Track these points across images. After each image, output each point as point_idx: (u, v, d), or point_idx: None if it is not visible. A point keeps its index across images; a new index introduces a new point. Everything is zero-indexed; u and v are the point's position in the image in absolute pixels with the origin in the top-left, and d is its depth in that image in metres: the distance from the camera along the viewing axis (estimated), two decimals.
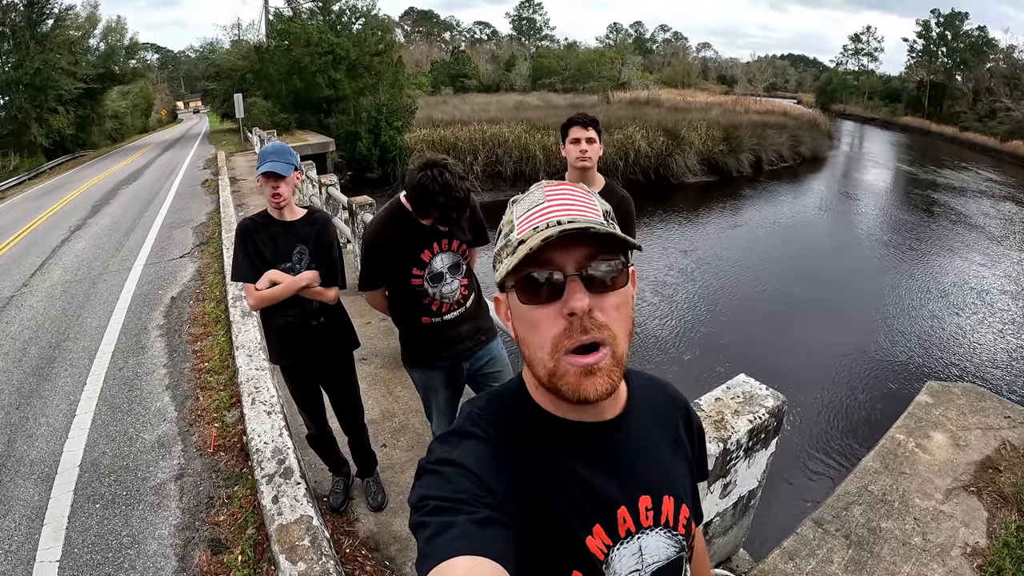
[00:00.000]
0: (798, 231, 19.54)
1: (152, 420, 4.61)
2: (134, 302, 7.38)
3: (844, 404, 8.49)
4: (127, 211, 13.85)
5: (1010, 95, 50.59)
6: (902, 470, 3.62)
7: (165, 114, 69.26)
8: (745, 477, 2.80)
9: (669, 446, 1.01)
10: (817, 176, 29.93)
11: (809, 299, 12.92)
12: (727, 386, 2.89)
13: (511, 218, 0.87)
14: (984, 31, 63.57)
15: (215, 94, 38.01)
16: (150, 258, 9.43)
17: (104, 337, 6.32)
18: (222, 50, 39.19)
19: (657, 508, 0.93)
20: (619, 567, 0.88)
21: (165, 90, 75.28)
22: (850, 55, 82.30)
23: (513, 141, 22.58)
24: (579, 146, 3.04)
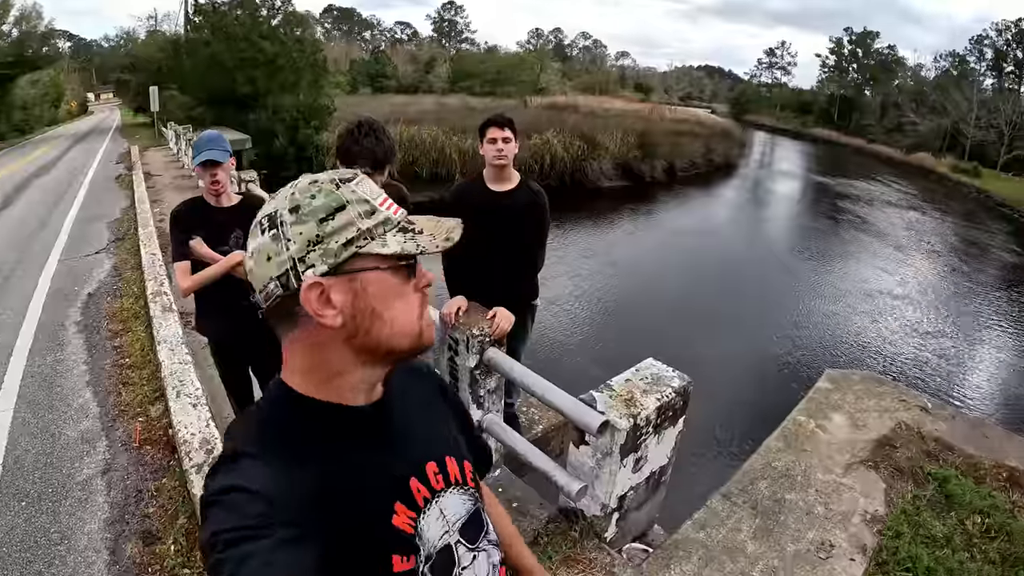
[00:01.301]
0: (709, 235, 20.19)
1: (74, 416, 4.44)
2: (50, 298, 7.02)
3: (750, 392, 8.93)
4: (39, 205, 13.06)
5: (916, 111, 53.95)
6: (804, 448, 3.83)
7: (75, 106, 65.18)
8: (655, 453, 2.93)
9: (437, 413, 1.07)
10: (728, 183, 31.00)
11: (719, 299, 13.42)
12: (636, 368, 3.03)
13: (363, 197, 0.85)
14: (894, 50, 67.80)
15: (129, 86, 36.12)
16: (64, 254, 8.97)
17: (20, 334, 5.99)
18: (139, 41, 37.32)
19: (444, 470, 0.97)
20: (429, 535, 0.90)
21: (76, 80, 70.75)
22: (764, 68, 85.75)
23: (430, 143, 22.49)
24: (496, 145, 3.13)
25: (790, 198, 29.04)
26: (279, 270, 0.82)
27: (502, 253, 3.27)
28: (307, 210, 0.82)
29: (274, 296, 0.83)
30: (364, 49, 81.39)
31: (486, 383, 3.19)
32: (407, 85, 62.37)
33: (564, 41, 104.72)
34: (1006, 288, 17.21)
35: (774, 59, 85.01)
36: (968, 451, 3.90)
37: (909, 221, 24.64)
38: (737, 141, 38.79)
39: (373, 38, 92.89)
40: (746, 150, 42.48)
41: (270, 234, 0.82)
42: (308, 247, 0.81)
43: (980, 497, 3.41)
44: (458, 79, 62.38)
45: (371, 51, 77.43)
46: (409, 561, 0.86)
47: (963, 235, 23.76)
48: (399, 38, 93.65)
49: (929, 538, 3.11)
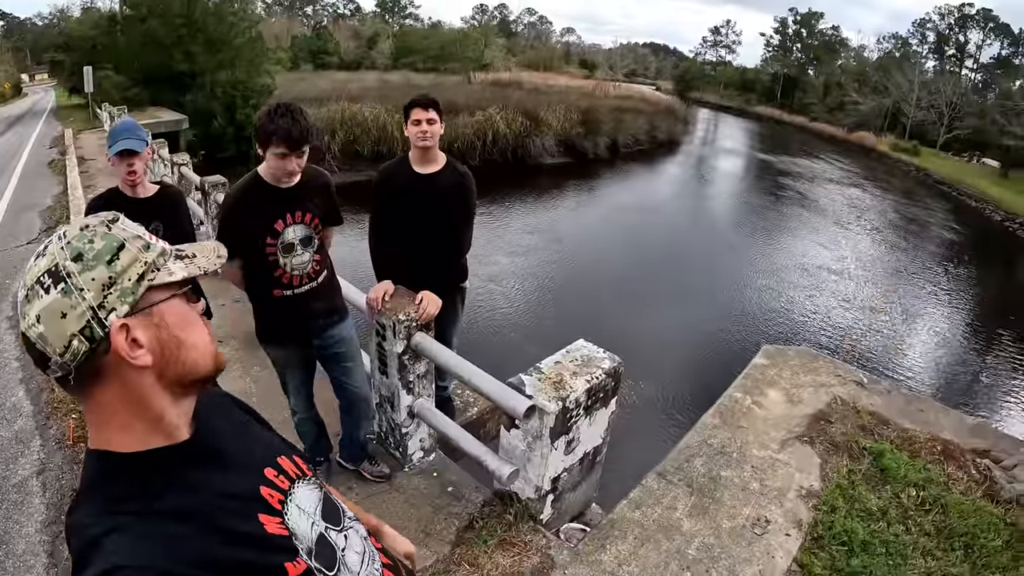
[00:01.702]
0: (651, 212, 20.34)
1: (8, 416, 4.32)
2: None
3: (686, 369, 9.11)
4: None
5: (858, 90, 55.06)
6: (740, 424, 3.88)
7: (8, 88, 61.81)
8: (588, 435, 2.97)
9: (245, 424, 1.09)
10: (672, 160, 31.21)
11: (657, 275, 13.56)
12: (566, 350, 3.06)
13: (136, 233, 0.85)
14: (838, 31, 68.99)
15: (63, 67, 34.42)
16: None
17: None
18: (72, 19, 35.50)
19: (282, 470, 0.99)
20: (300, 531, 0.92)
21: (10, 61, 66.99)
22: (709, 46, 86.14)
23: (372, 121, 22.13)
24: (420, 127, 3.10)
25: (733, 175, 29.45)
26: (80, 323, 0.77)
27: (428, 236, 3.27)
28: (92, 255, 0.79)
29: (81, 353, 0.77)
30: (306, 25, 79.09)
31: (415, 368, 3.20)
32: (349, 62, 60.87)
33: (509, 17, 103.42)
34: (943, 264, 17.82)
35: (719, 37, 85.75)
36: (903, 425, 3.99)
37: (850, 198, 25.27)
38: (681, 118, 38.99)
39: (315, 13, 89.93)
40: (690, 127, 42.79)
41: (58, 289, 0.77)
42: (104, 291, 0.78)
43: (915, 471, 3.50)
44: (401, 55, 61.16)
45: (313, 27, 75.35)
46: (300, 564, 0.87)
47: (903, 212, 24.47)
48: (342, 13, 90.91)
49: (865, 512, 3.19)
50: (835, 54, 67.11)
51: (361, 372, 3.07)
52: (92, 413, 0.84)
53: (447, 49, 60.31)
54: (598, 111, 28.48)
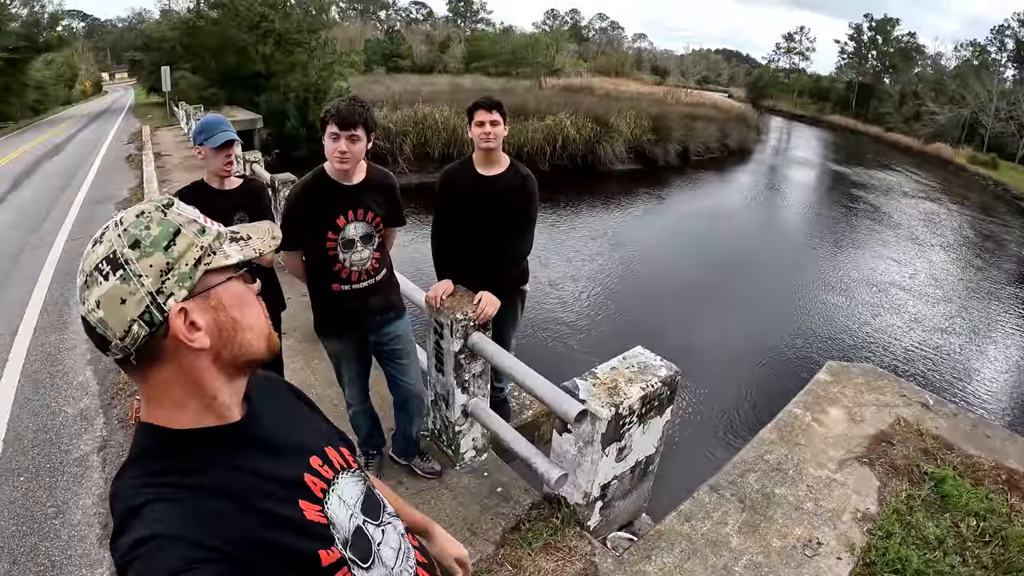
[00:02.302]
0: (720, 220, 19.96)
1: (75, 394, 4.59)
2: (56, 278, 7.20)
3: (746, 382, 8.90)
4: (49, 186, 13.28)
5: (935, 100, 52.83)
6: (798, 441, 3.77)
7: (90, 86, 65.67)
8: (641, 443, 2.94)
9: (299, 411, 1.13)
10: (743, 168, 30.61)
11: (722, 285, 13.29)
12: (623, 356, 3.03)
13: (191, 217, 0.87)
14: (914, 37, 66.25)
15: (142, 66, 36.29)
16: (72, 234, 9.17)
17: (26, 313, 6.17)
18: (151, 20, 37.43)
19: (327, 460, 1.02)
20: (339, 521, 0.95)
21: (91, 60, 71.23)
22: (782, 53, 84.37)
23: (442, 124, 22.49)
24: (483, 128, 3.16)
25: (805, 186, 28.66)
26: (139, 308, 0.80)
27: (489, 237, 3.31)
28: (149, 241, 0.82)
29: (141, 337, 0.81)
30: (379, 29, 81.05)
31: (471, 367, 3.25)
32: (422, 65, 62.13)
33: (580, 22, 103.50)
34: (1020, 285, 16.94)
35: (792, 44, 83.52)
36: (968, 451, 3.81)
37: (924, 212, 24.27)
38: (753, 126, 38.16)
39: (388, 18, 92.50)
40: (762, 136, 41.94)
41: (117, 276, 0.80)
42: (162, 277, 0.81)
43: (977, 499, 3.33)
44: (473, 60, 62.08)
45: (386, 31, 77.14)
46: (333, 552, 0.90)
47: (979, 228, 23.33)
48: (414, 18, 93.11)
49: (921, 539, 3.06)
50: (911, 62, 64.50)
51: (416, 369, 3.13)
52: (148, 390, 0.87)
53: (518, 54, 60.94)
54: (669, 118, 28.17)
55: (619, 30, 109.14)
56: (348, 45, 54.35)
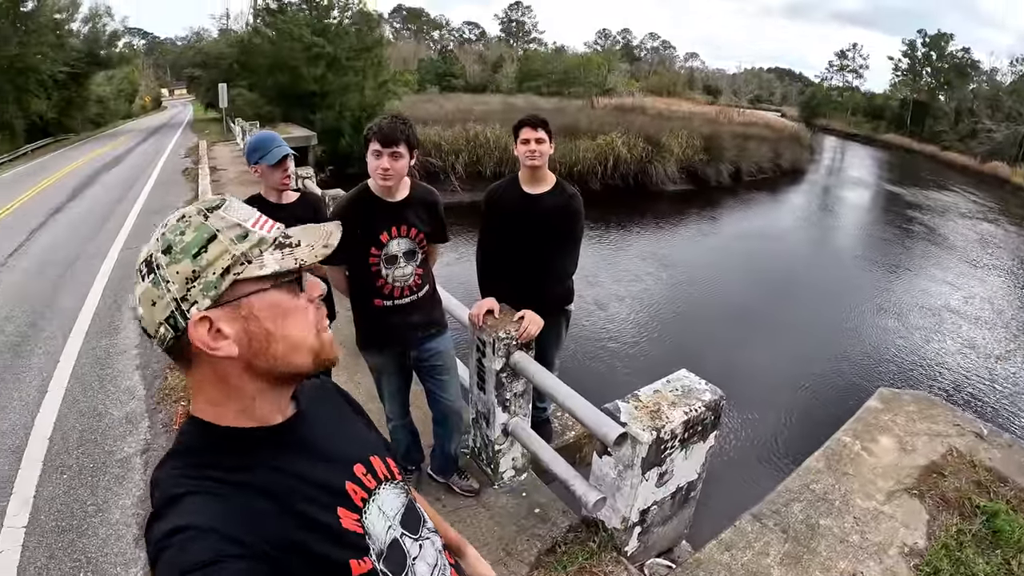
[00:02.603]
0: (771, 241, 19.67)
1: (121, 397, 4.74)
2: (109, 285, 7.48)
3: (794, 408, 8.67)
4: (107, 197, 13.86)
5: (991, 117, 51.24)
6: (846, 471, 3.66)
7: (149, 101, 68.48)
8: (682, 468, 2.88)
9: (348, 418, 1.13)
10: (796, 189, 30.15)
11: (771, 307, 13.04)
12: (667, 379, 2.98)
13: (235, 222, 0.87)
14: (968, 52, 64.50)
15: (200, 82, 37.72)
16: (127, 243, 9.51)
17: (79, 318, 6.42)
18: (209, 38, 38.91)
19: (372, 469, 1.01)
20: (375, 532, 0.94)
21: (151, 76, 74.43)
22: (835, 71, 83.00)
23: (494, 142, 22.72)
24: (528, 146, 3.17)
25: (858, 206, 27.99)
26: (165, 313, 0.83)
27: (534, 256, 3.31)
28: (179, 248, 0.83)
29: (167, 340, 0.84)
30: (432, 48, 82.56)
31: (512, 386, 3.23)
32: (475, 85, 62.98)
33: (632, 42, 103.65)
34: None
35: (845, 61, 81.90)
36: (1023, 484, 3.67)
37: (981, 234, 23.41)
38: (806, 146, 37.57)
39: (441, 38, 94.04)
40: (815, 155, 41.26)
41: (150, 279, 0.83)
42: (187, 285, 0.82)
43: None
44: (525, 79, 62.76)
45: (439, 50, 78.55)
46: (365, 563, 0.89)
47: None
48: (467, 38, 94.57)
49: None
50: (966, 78, 62.53)
51: (456, 386, 3.13)
52: (191, 385, 0.91)
53: (570, 73, 61.46)
54: (721, 137, 27.93)
55: (671, 49, 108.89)
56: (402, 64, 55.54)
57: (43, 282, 7.70)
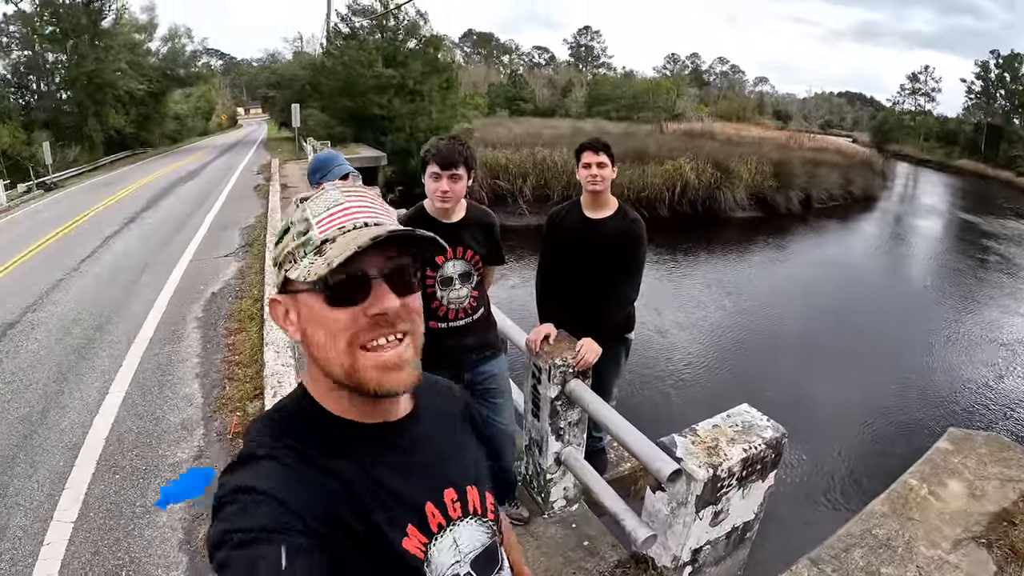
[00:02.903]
0: (840, 271, 19.13)
1: (179, 404, 4.87)
2: (176, 294, 7.72)
3: (858, 448, 8.33)
4: (180, 209, 14.43)
5: None
6: (911, 516, 3.48)
7: (225, 119, 71.47)
8: (739, 507, 2.79)
9: (461, 438, 1.07)
10: (867, 217, 29.35)
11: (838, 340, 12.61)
12: (727, 414, 2.89)
13: (306, 216, 0.85)
14: None
15: (274, 102, 39.25)
16: (197, 255, 9.83)
17: (144, 324, 6.65)
18: (283, 60, 40.46)
19: (463, 499, 0.96)
20: (439, 562, 0.90)
21: (227, 96, 77.85)
22: (907, 94, 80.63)
23: (561, 166, 22.82)
24: (590, 170, 3.15)
25: (931, 235, 26.96)
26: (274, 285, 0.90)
27: (594, 281, 3.27)
28: (279, 231, 0.89)
29: None
30: (502, 73, 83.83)
31: (567, 415, 3.17)
32: (544, 109, 63.57)
33: (701, 67, 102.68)
34: None
35: (917, 85, 79.27)
36: None
37: None
38: (878, 172, 36.53)
39: (511, 62, 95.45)
40: (887, 182, 40.07)
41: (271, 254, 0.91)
42: (274, 266, 0.89)
43: None
44: (594, 104, 63.04)
45: (509, 75, 79.66)
46: None
47: None
48: (537, 62, 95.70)
49: None
50: None
51: (509, 409, 3.09)
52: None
53: (639, 98, 61.41)
54: (791, 164, 27.35)
55: (740, 74, 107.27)
56: (472, 88, 56.58)
57: (113, 288, 8.03)
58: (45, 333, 6.50)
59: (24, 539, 3.33)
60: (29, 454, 4.19)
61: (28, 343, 6.27)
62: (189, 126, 48.81)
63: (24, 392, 5.17)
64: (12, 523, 3.47)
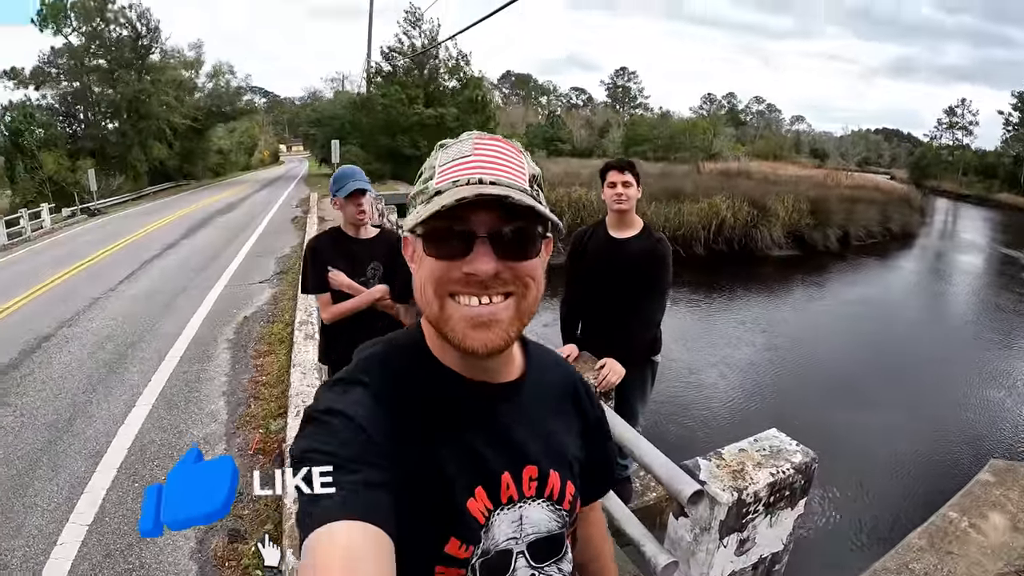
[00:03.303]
0: (877, 308, 18.85)
1: (203, 419, 4.93)
2: (209, 316, 7.87)
3: (894, 481, 8.08)
4: (218, 237, 14.83)
5: None
6: (950, 550, 3.38)
7: (268, 155, 73.48)
8: (766, 537, 2.66)
9: (563, 420, 1.02)
10: (906, 253, 28.95)
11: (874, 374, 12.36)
12: (755, 438, 2.78)
13: (434, 163, 0.86)
14: None
15: (315, 139, 40.27)
16: (232, 280, 10.03)
17: (176, 343, 6.78)
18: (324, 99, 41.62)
19: (542, 480, 0.93)
20: (497, 532, 0.88)
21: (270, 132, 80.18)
22: (944, 129, 79.65)
23: (597, 204, 22.90)
24: (615, 189, 3.14)
25: (971, 271, 26.42)
26: None
27: (619, 301, 3.23)
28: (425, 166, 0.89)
29: None
30: (540, 114, 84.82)
31: None
32: (581, 149, 64.02)
33: (738, 106, 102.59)
34: None
35: (955, 119, 78.22)
36: None
37: None
38: (916, 208, 36.07)
39: (549, 103, 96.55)
40: (926, 218, 39.53)
41: None
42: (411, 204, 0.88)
43: None
44: (631, 144, 63.36)
45: (547, 115, 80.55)
46: (466, 550, 0.85)
47: None
48: (574, 103, 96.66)
49: None
50: None
51: None
52: None
53: (676, 138, 61.64)
54: (827, 201, 27.21)
55: (776, 112, 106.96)
56: (510, 129, 57.28)
57: (148, 308, 8.22)
58: (79, 347, 6.68)
59: (38, 538, 3.38)
60: (52, 458, 4.27)
61: (61, 355, 6.47)
62: (232, 160, 50.36)
63: (53, 400, 5.32)
64: (28, 522, 3.53)
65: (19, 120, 29.70)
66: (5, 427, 4.88)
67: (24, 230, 17.77)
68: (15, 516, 3.61)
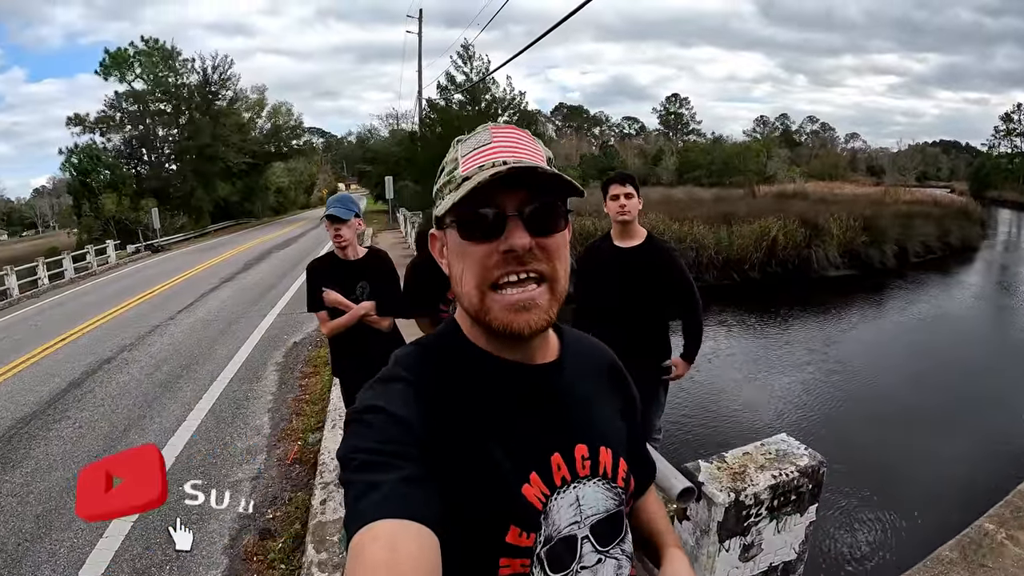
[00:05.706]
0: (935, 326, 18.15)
1: (248, 432, 5.23)
2: (261, 342, 8.27)
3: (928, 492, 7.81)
4: (274, 271, 15.42)
5: None
6: (984, 563, 3.26)
7: (326, 193, 75.52)
8: (775, 543, 2.61)
9: (604, 398, 1.02)
10: (967, 268, 27.76)
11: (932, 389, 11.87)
12: (761, 443, 2.73)
13: (456, 156, 0.88)
14: None
15: (370, 177, 41.37)
16: (284, 309, 10.45)
17: (228, 366, 7.18)
18: (379, 137, 42.80)
19: (595, 458, 0.92)
20: (558, 518, 0.87)
21: (328, 171, 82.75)
22: (1002, 136, 75.95)
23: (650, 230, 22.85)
24: (618, 202, 3.28)
25: None
26: None
27: (627, 310, 3.34)
28: (447, 159, 0.92)
29: None
30: (594, 144, 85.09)
31: None
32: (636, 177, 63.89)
33: (791, 127, 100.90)
34: None
35: (1012, 125, 74.33)
36: None
37: None
38: (976, 220, 34.54)
39: (602, 133, 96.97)
40: (988, 230, 37.82)
41: None
42: (438, 197, 0.90)
43: None
44: (685, 170, 62.91)
45: (600, 145, 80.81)
46: (527, 538, 0.83)
47: None
48: (627, 132, 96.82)
49: None
50: None
51: None
52: None
53: (730, 163, 60.90)
54: (882, 217, 26.45)
55: (831, 131, 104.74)
56: (564, 160, 57.58)
57: (204, 335, 8.71)
58: (137, 368, 7.17)
59: (86, 531, 3.67)
60: None
61: (120, 375, 6.95)
62: (291, 199, 52.02)
63: (110, 415, 5.74)
64: None
65: (86, 162, 31.56)
66: (64, 437, 5.31)
67: (90, 265, 19.12)
68: (68, 512, 3.92)
